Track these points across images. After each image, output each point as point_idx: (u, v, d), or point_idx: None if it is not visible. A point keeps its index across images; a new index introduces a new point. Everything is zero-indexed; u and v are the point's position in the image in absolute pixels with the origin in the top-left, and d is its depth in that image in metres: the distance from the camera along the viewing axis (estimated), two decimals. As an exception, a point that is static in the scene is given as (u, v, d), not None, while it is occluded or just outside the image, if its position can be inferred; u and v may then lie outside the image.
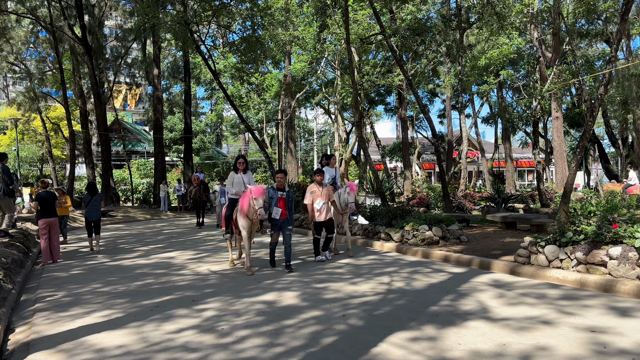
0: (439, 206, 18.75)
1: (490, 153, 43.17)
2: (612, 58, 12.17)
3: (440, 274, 8.46)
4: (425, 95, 39.56)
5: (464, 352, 4.61)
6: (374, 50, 27.53)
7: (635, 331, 5.05)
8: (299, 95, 29.90)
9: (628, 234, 7.15)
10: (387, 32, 15.96)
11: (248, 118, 41.07)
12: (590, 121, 12.46)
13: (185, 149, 32.71)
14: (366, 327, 5.45)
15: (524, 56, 25.65)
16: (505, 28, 16.87)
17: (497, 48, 20.16)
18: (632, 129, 27.34)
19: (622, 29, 11.98)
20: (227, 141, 62.53)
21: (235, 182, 9.58)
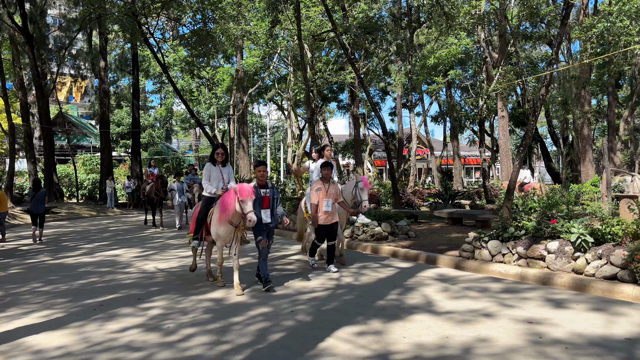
0: (389, 202, 19.04)
1: (439, 151, 44.16)
2: (553, 60, 12.68)
3: (388, 269, 8.61)
4: (377, 93, 40.04)
5: (409, 345, 4.71)
6: (326, 47, 27.60)
7: (569, 322, 5.29)
8: (252, 90, 29.68)
9: (565, 229, 7.48)
10: (339, 30, 16.06)
11: (199, 113, 40.41)
12: (532, 120, 12.95)
13: (133, 144, 31.89)
14: (314, 323, 5.48)
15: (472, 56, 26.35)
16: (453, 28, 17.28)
17: (446, 48, 20.63)
18: (572, 128, 28.54)
19: (562, 32, 12.50)
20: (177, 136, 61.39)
21: (213, 176, 7.70)
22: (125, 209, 27.42)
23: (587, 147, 23.96)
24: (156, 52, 20.28)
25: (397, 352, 4.54)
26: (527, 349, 4.52)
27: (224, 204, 6.89)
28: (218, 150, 7.82)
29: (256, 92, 31.74)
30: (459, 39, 21.51)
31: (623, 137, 31.85)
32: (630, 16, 14.24)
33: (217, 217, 7.05)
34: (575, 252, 7.16)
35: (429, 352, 4.52)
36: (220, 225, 6.99)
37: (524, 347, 4.57)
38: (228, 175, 7.80)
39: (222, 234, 7.07)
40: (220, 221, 6.96)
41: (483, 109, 19.39)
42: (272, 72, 28.84)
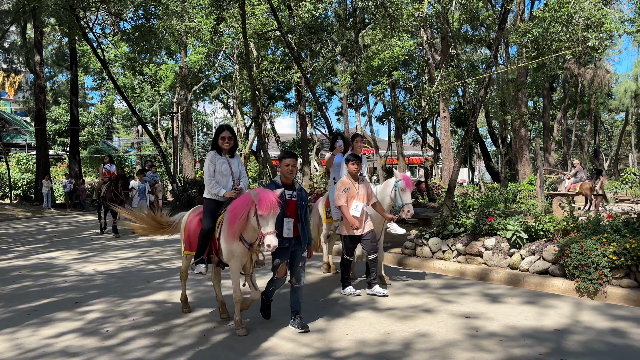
0: (335, 201, 19.18)
1: (384, 150, 44.85)
2: (492, 63, 13.16)
3: (333, 267, 8.67)
4: (324, 93, 40.25)
5: (351, 342, 4.79)
6: (273, 45, 27.52)
7: (504, 315, 5.52)
8: (196, 88, 29.19)
9: (501, 227, 7.79)
10: (285, 29, 16.05)
11: (141, 110, 39.34)
12: (472, 121, 13.39)
13: (71, 142, 30.68)
14: (258, 323, 5.47)
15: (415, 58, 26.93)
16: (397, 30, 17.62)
17: (390, 49, 21.01)
18: (510, 129, 29.70)
19: (500, 36, 12.99)
20: (119, 134, 59.51)
21: (219, 170, 5.48)
22: (63, 209, 26.36)
23: (524, 147, 25.00)
24: (96, 48, 19.61)
25: (340, 350, 4.61)
26: (464, 343, 4.68)
27: (234, 214, 4.82)
28: (224, 133, 5.50)
29: (201, 89, 31.24)
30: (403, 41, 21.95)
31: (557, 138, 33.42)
32: (561, 23, 14.97)
33: (226, 231, 4.99)
34: (511, 248, 7.47)
35: (370, 348, 4.61)
36: (231, 241, 4.97)
37: (462, 341, 4.73)
38: (239, 170, 5.63)
39: (238, 251, 4.99)
40: (230, 235, 4.93)
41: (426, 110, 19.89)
42: (217, 69, 28.48)
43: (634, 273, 6.09)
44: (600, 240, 6.34)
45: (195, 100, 36.18)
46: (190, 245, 5.57)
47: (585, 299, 6.17)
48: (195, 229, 5.51)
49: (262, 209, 4.58)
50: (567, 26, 15.26)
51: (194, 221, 5.61)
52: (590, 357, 4.30)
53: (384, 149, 45.25)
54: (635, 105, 43.51)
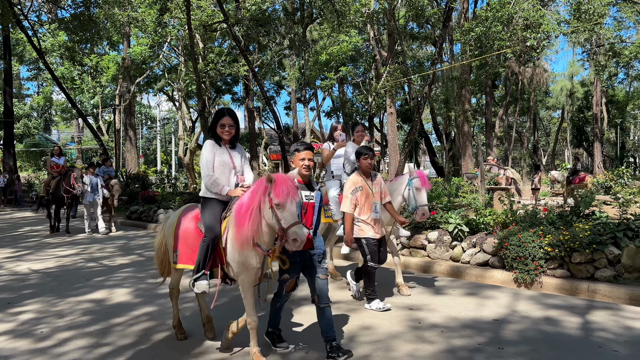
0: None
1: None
2: (436, 60, 13.43)
3: (279, 262, 8.64)
4: (272, 87, 40.00)
5: (302, 335, 4.79)
6: (219, 38, 27.09)
7: (445, 307, 5.66)
8: (140, 80, 28.35)
9: (444, 220, 7.97)
10: (231, 21, 15.81)
11: (82, 102, 37.92)
12: (417, 117, 13.65)
13: (5, 135, 29.17)
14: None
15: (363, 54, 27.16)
16: (344, 26, 17.70)
17: (338, 45, 21.10)
18: (454, 125, 30.48)
19: (444, 34, 13.29)
20: (58, 127, 57.17)
21: (219, 163, 4.46)
22: (-4, 205, 25.07)
23: (467, 142, 25.69)
24: (31, 36, 18.69)
25: (291, 344, 4.58)
26: (407, 334, 4.76)
27: (242, 210, 3.84)
28: (224, 119, 4.44)
29: (145, 81, 30.37)
30: (350, 37, 22.08)
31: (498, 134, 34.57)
32: (502, 22, 15.43)
33: (234, 236, 3.96)
34: (453, 241, 7.66)
35: (316, 342, 4.61)
36: (244, 250, 3.92)
37: (404, 333, 4.81)
38: (241, 163, 4.61)
39: (253, 262, 3.96)
40: (238, 241, 3.90)
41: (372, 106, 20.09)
42: (162, 61, 27.76)
43: (567, 264, 6.37)
44: (537, 232, 6.59)
45: (138, 92, 35.17)
46: (188, 257, 4.42)
47: (523, 289, 6.41)
48: (194, 236, 4.39)
49: (279, 195, 3.60)
50: (508, 26, 15.75)
51: (190, 227, 4.47)
52: (525, 345, 4.46)
53: (333, 144, 45.51)
54: (570, 103, 45.64)
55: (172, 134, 54.29)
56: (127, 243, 11.54)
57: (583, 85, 45.42)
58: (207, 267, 4.23)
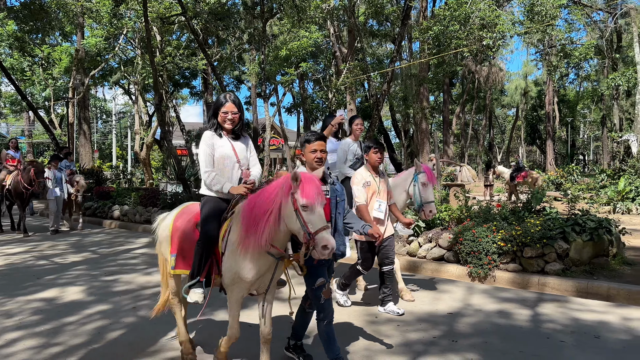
0: (243, 192, 19.03)
1: (294, 141, 45.07)
2: (395, 58, 13.58)
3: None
4: (232, 81, 39.56)
5: (254, 332, 4.76)
6: (177, 31, 26.59)
7: (402, 301, 5.75)
8: (94, 72, 27.53)
9: (401, 216, 8.08)
10: (189, 14, 15.55)
11: (32, 95, 36.53)
12: (376, 114, 13.78)
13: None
14: (157, 318, 5.24)
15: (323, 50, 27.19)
16: (304, 21, 17.68)
17: (298, 40, 21.05)
18: (413, 122, 30.91)
19: (403, 32, 13.44)
20: (7, 120, 54.97)
21: (219, 157, 3.96)
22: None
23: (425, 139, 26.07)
24: (-22, 24, 17.89)
25: (242, 340, 4.56)
26: (364, 329, 4.83)
27: (258, 214, 3.30)
28: (226, 105, 3.94)
29: (100, 74, 29.51)
30: (311, 32, 22.06)
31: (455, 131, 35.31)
32: (459, 21, 15.74)
33: (238, 239, 3.45)
34: (410, 236, 7.78)
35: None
36: (248, 256, 3.44)
37: (361, 327, 4.87)
38: (247, 155, 4.08)
39: (250, 276, 3.50)
40: (249, 248, 3.37)
41: (333, 102, 20.16)
42: (117, 53, 27.04)
43: (518, 258, 6.57)
44: (490, 228, 6.77)
45: (93, 85, 34.16)
46: (186, 261, 3.96)
47: (477, 283, 6.58)
48: (192, 238, 3.91)
49: (307, 195, 3.11)
50: (465, 25, 16.08)
51: (188, 228, 4.02)
52: (478, 338, 4.58)
53: (294, 139, 45.47)
54: (524, 102, 46.99)
55: (128, 128, 53.03)
56: (81, 240, 11.23)
57: (536, 85, 46.86)
58: (203, 273, 3.73)
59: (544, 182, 18.88)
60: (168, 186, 19.60)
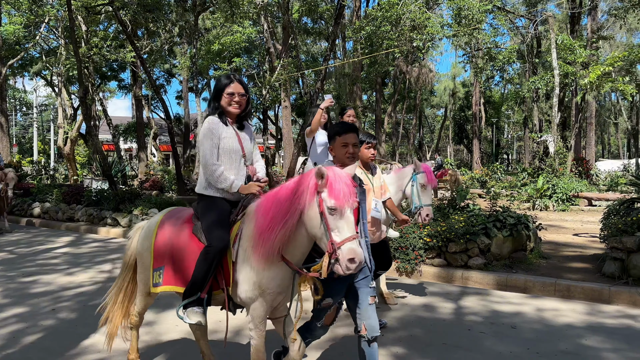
0: (174, 189, 18.59)
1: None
2: (329, 56, 13.69)
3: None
4: (163, 75, 38.53)
5: (181, 332, 4.69)
6: (105, 21, 25.54)
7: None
8: (13, 62, 25.92)
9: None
10: (116, 4, 14.97)
11: (-57, 84, 33.96)
12: (309, 111, 13.83)
13: None
14: (79, 320, 5.08)
15: (257, 46, 26.97)
16: (238, 16, 17.47)
17: (231, 35, 20.77)
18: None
19: (336, 31, 13.56)
20: None
21: (224, 149, 3.39)
22: None
23: (357, 137, 26.43)
24: None
25: (169, 341, 4.49)
26: (294, 326, 4.83)
27: (276, 216, 2.81)
28: (232, 86, 3.37)
29: (19, 64, 27.87)
30: (244, 28, 21.83)
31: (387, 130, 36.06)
32: (391, 22, 16.09)
33: (255, 246, 2.93)
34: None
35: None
36: (267, 265, 2.91)
37: (291, 324, 4.87)
38: (252, 148, 3.59)
39: (272, 285, 2.96)
40: (267, 256, 2.86)
41: (267, 98, 20.06)
42: (39, 43, 25.62)
43: (444, 253, 6.81)
44: (417, 224, 6.97)
45: (11, 75, 32.23)
46: (177, 275, 3.32)
47: (404, 277, 6.76)
48: (187, 247, 3.28)
49: (335, 196, 2.61)
50: (396, 26, 16.45)
51: (180, 235, 3.35)
52: (404, 331, 4.72)
53: (226, 135, 44.90)
54: (453, 102, 48.71)
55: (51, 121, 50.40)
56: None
57: (464, 86, 48.64)
58: (206, 288, 3.13)
59: (468, 180, 19.68)
60: (93, 182, 18.85)
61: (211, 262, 3.07)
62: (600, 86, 18.73)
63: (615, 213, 7.24)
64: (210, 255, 3.08)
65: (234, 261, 3.06)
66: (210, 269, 3.09)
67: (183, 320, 3.17)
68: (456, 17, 17.63)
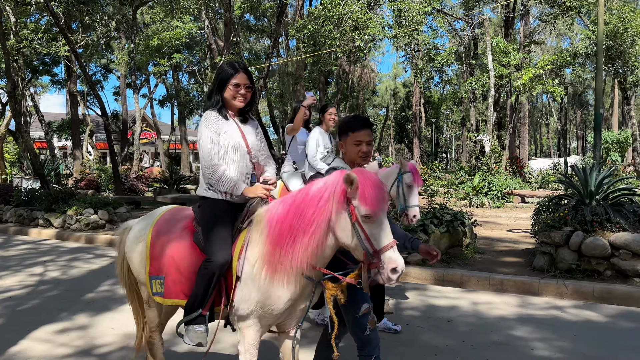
0: (110, 188, 18.01)
1: (167, 135, 43.48)
2: (271, 54, 13.62)
3: (102, 259, 8.15)
4: (99, 70, 37.20)
5: (117, 336, 4.55)
6: (36, 12, 24.35)
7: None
8: None
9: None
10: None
11: None
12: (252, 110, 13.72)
13: None
14: (6, 326, 4.83)
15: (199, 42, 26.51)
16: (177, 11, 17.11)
17: (171, 30, 20.30)
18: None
19: (278, 29, 13.54)
20: None
21: (226, 146, 2.99)
22: None
23: (300, 136, 26.50)
24: None
25: (103, 345, 4.34)
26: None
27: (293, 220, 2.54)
28: (237, 77, 2.98)
29: (-60, 56, 26.17)
30: (185, 23, 21.39)
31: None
32: (333, 22, 16.22)
33: (264, 257, 2.63)
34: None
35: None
36: (276, 280, 2.61)
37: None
38: (258, 144, 3.16)
39: (280, 306, 2.67)
40: (277, 269, 2.58)
41: (208, 95, 19.72)
42: (-37, 33, 24.11)
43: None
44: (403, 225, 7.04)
45: None
46: (181, 286, 2.92)
47: (345, 275, 6.82)
48: (188, 256, 2.92)
49: (369, 202, 2.37)
50: (339, 26, 16.60)
51: (181, 239, 2.99)
52: (345, 327, 4.76)
53: (167, 133, 43.85)
54: (394, 102, 49.68)
55: (-23, 117, 47.58)
56: None
57: (405, 86, 49.71)
58: (207, 305, 2.80)
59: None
60: (24, 182, 17.97)
61: (211, 277, 2.73)
62: (532, 88, 19.62)
63: (544, 209, 7.59)
64: (210, 270, 2.73)
65: (239, 276, 2.71)
66: (211, 284, 2.74)
67: (183, 339, 2.84)
68: (397, 18, 17.99)
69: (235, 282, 2.71)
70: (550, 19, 23.64)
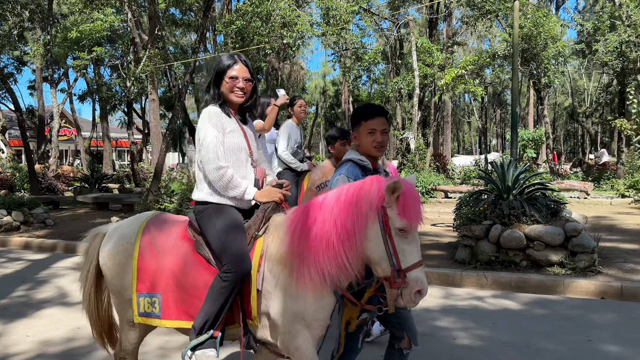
0: (26, 188, 17.00)
1: (88, 131, 41.58)
2: (198, 49, 13.37)
3: (17, 262, 7.71)
4: (12, 62, 34.97)
5: (33, 343, 4.33)
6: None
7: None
8: None
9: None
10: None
11: None
12: (178, 105, 13.42)
13: None
14: None
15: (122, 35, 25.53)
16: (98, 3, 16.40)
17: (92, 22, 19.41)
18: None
19: (205, 23, 13.30)
20: None
21: (230, 146, 2.74)
22: None
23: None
24: None
25: (18, 354, 4.12)
26: (160, 327, 4.66)
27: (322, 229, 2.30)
28: (235, 68, 2.77)
29: None
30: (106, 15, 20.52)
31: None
32: (261, 18, 16.12)
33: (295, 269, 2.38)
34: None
35: (55, 347, 4.23)
36: (316, 291, 2.37)
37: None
38: (256, 145, 2.97)
39: (320, 315, 2.43)
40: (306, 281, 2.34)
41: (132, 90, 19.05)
42: None
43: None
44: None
45: None
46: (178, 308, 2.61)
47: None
48: (192, 270, 2.60)
49: (408, 214, 2.21)
50: (267, 22, 16.51)
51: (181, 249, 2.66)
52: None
53: (88, 130, 41.92)
54: (323, 100, 50.13)
55: None
56: None
57: (334, 85, 50.24)
58: (220, 324, 2.49)
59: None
60: None
61: (230, 292, 2.43)
62: (455, 87, 20.41)
63: (465, 204, 7.92)
64: (231, 283, 2.42)
65: (259, 289, 2.46)
66: (229, 300, 2.44)
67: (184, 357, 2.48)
68: (325, 16, 18.13)
69: (257, 297, 2.46)
70: (471, 21, 24.65)
